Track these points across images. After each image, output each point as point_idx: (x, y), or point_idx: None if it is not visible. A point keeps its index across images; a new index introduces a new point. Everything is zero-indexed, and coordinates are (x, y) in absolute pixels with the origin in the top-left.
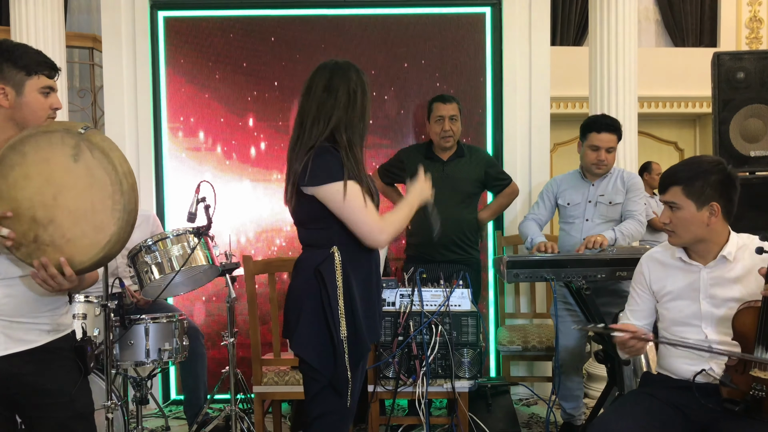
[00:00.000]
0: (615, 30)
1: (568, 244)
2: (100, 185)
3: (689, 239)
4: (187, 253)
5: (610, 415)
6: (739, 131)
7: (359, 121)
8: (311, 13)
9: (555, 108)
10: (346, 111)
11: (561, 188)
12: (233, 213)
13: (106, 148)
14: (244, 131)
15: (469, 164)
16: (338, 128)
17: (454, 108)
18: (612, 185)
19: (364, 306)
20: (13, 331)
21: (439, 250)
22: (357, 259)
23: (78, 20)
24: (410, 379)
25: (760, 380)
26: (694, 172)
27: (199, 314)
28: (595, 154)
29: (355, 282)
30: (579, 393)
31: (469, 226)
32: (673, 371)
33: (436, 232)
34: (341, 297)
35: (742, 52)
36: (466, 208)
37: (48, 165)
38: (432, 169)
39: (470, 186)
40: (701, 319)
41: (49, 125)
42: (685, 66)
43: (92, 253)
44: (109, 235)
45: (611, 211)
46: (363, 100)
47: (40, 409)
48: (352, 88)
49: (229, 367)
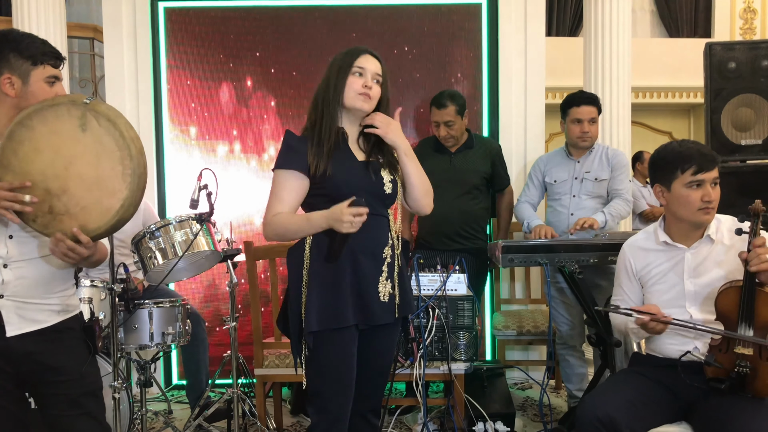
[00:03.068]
0: (609, 21)
1: (556, 220)
2: (109, 152)
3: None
4: (190, 239)
5: (600, 392)
6: (731, 120)
7: (331, 95)
8: (309, 3)
9: (550, 98)
10: (320, 89)
11: (547, 166)
12: (235, 200)
13: (112, 116)
14: (245, 120)
15: (477, 156)
16: (315, 100)
17: (449, 113)
18: (597, 162)
19: (329, 290)
20: (25, 312)
21: (442, 239)
22: (324, 243)
23: (78, 11)
24: (408, 361)
25: (744, 356)
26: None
27: (201, 300)
28: (578, 126)
29: (320, 265)
30: (582, 371)
31: (476, 218)
32: (660, 351)
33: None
34: (305, 276)
35: (734, 43)
36: (473, 200)
37: (57, 137)
38: (440, 161)
39: (477, 178)
40: (685, 299)
41: (54, 99)
42: (679, 56)
43: (107, 218)
44: (122, 199)
45: (597, 187)
46: (334, 75)
47: (52, 386)
48: (329, 65)
49: (231, 351)
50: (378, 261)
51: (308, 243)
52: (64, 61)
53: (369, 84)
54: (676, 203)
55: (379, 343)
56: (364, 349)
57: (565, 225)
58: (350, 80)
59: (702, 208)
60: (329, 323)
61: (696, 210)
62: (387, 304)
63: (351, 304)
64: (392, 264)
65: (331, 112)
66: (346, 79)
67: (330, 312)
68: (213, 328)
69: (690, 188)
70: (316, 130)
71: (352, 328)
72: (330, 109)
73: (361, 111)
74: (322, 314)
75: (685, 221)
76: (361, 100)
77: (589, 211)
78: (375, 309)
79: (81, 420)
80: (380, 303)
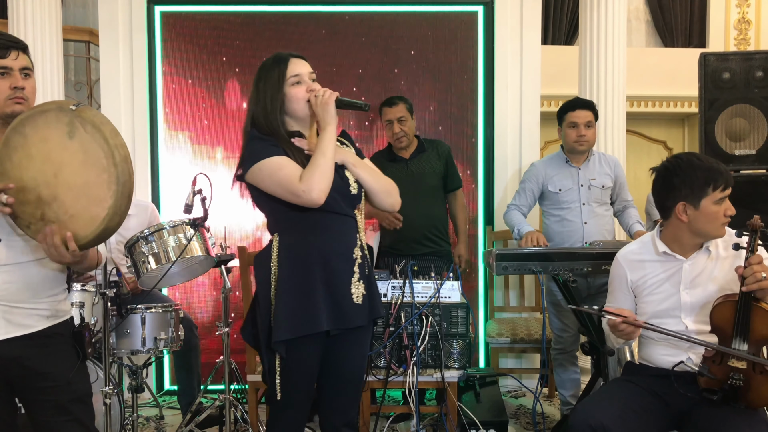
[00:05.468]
0: (605, 30)
1: (567, 230)
2: (94, 159)
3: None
4: (183, 244)
5: (593, 401)
6: (725, 130)
7: (272, 110)
8: (306, 9)
9: (546, 106)
10: (256, 104)
11: (548, 174)
12: (228, 205)
13: (97, 122)
14: (240, 125)
15: (431, 158)
16: (252, 121)
17: (401, 109)
18: (598, 168)
19: (300, 296)
20: (13, 316)
21: (411, 245)
22: (295, 246)
23: (74, 14)
24: (401, 368)
25: (737, 370)
26: None
27: (193, 305)
28: (575, 131)
29: (288, 271)
30: (575, 377)
31: (439, 220)
32: (653, 361)
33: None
34: (273, 283)
35: (728, 53)
36: (435, 202)
37: (46, 144)
38: (397, 170)
39: (435, 179)
40: (681, 310)
41: (44, 105)
42: (674, 66)
43: (93, 227)
44: (106, 208)
45: (604, 194)
46: (269, 91)
47: (40, 392)
48: (257, 78)
49: (223, 357)
50: (349, 262)
51: (275, 248)
52: (16, 49)
53: (311, 87)
54: (704, 220)
55: (349, 348)
56: (335, 356)
57: (579, 234)
58: (290, 92)
59: (723, 223)
60: (301, 330)
61: (720, 225)
62: (360, 306)
63: (324, 308)
64: (363, 265)
65: (276, 127)
66: (284, 92)
67: (301, 318)
68: (205, 333)
69: (718, 204)
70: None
71: (322, 335)
72: (275, 124)
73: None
74: (293, 321)
75: (703, 236)
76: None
77: (601, 218)
78: (348, 311)
79: (69, 426)
80: (353, 305)
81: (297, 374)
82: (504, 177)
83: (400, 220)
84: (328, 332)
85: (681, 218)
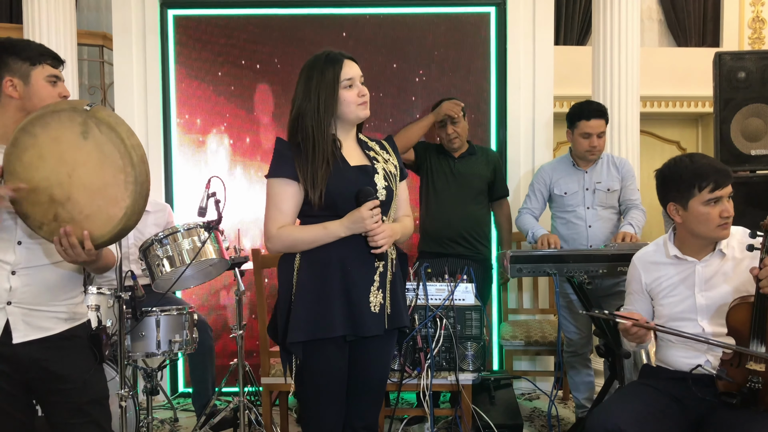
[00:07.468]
0: (618, 30)
1: (573, 233)
2: (110, 160)
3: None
4: (198, 246)
5: (610, 405)
6: (740, 130)
7: (323, 114)
8: (318, 12)
9: (558, 107)
10: (306, 102)
11: (554, 178)
12: (242, 208)
13: (112, 123)
14: (253, 128)
15: (479, 162)
16: (298, 119)
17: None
18: (606, 171)
19: (317, 300)
20: (32, 319)
21: (446, 243)
22: (316, 252)
23: (87, 18)
24: (415, 371)
25: (756, 372)
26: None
27: (208, 308)
28: (587, 141)
29: (308, 275)
30: (589, 380)
31: (478, 223)
32: (671, 364)
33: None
34: (294, 287)
35: (744, 52)
36: (476, 205)
37: (59, 144)
38: (443, 165)
39: (481, 183)
40: (697, 313)
41: (56, 105)
42: (687, 66)
43: (110, 227)
44: (124, 208)
45: (610, 197)
46: (321, 92)
47: (58, 394)
48: (307, 75)
49: (237, 360)
50: (369, 270)
51: (298, 252)
52: (63, 62)
53: (363, 92)
54: (695, 221)
55: (370, 356)
56: (356, 362)
57: (584, 237)
58: (343, 95)
59: (720, 225)
60: (315, 333)
61: (715, 227)
62: (378, 315)
63: (340, 314)
64: (384, 273)
65: (323, 131)
66: (337, 95)
67: (317, 322)
68: (219, 336)
69: (708, 206)
70: (309, 147)
71: (340, 340)
72: (322, 128)
73: (362, 118)
74: (309, 324)
75: (701, 238)
76: (362, 108)
77: (607, 221)
78: (365, 319)
79: (86, 428)
80: (371, 314)
81: (320, 376)
82: (516, 177)
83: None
84: (345, 338)
85: (675, 219)
